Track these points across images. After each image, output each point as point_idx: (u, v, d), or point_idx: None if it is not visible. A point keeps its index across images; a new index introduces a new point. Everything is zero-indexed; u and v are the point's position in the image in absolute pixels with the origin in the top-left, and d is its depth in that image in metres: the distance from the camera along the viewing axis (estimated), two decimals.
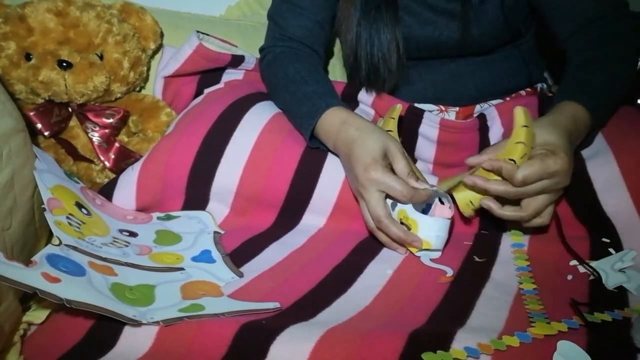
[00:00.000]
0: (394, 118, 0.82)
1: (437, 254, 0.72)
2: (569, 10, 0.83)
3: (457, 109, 0.94)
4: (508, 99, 0.94)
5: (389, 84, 0.90)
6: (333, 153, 0.80)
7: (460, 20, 0.84)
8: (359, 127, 0.75)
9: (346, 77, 1.04)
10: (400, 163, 0.72)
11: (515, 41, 0.88)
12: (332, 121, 0.78)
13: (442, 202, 0.73)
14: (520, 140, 0.68)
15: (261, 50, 0.95)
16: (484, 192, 0.70)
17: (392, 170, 0.71)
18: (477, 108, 0.94)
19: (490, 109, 0.92)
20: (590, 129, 0.75)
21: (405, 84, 0.93)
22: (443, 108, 0.93)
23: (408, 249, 0.73)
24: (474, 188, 0.70)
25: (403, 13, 0.87)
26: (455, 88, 0.92)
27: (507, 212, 0.69)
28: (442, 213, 0.72)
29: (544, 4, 0.85)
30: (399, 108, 0.83)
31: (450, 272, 0.69)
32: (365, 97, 0.95)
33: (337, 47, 1.10)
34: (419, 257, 0.72)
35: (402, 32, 0.86)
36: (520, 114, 0.69)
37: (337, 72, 1.11)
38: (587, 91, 0.76)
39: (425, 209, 0.74)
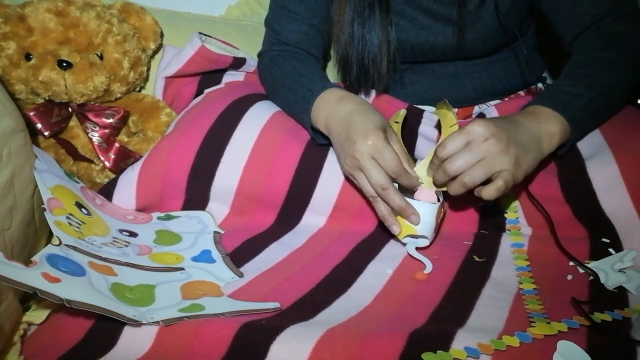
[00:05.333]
0: (397, 122, 0.82)
1: (424, 242, 0.72)
2: (568, 14, 0.83)
3: (455, 110, 0.94)
4: (507, 99, 0.94)
5: (379, 86, 0.90)
6: (323, 137, 0.79)
7: (455, 26, 0.84)
8: (360, 102, 0.76)
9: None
10: (396, 144, 0.72)
11: (512, 44, 0.88)
12: (329, 99, 0.78)
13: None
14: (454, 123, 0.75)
15: (259, 55, 0.96)
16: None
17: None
18: (476, 109, 0.94)
19: (489, 109, 0.92)
20: (573, 126, 0.73)
21: (403, 86, 0.93)
22: None
23: (397, 236, 0.73)
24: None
25: (398, 17, 0.87)
26: (453, 90, 0.92)
27: (454, 185, 0.68)
28: (427, 197, 0.72)
29: (546, 9, 0.86)
30: (403, 113, 0.83)
31: (429, 269, 0.68)
32: (364, 98, 0.95)
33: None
34: (405, 244, 0.72)
35: (397, 37, 0.86)
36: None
37: (337, 74, 1.10)
38: (548, 94, 0.76)
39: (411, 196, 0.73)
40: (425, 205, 0.71)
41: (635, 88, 0.80)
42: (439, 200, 0.73)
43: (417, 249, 0.72)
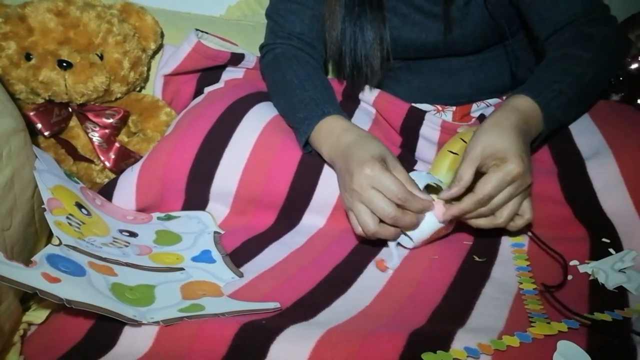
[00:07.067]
0: (465, 141, 0.74)
1: (408, 243, 0.72)
2: (544, 14, 0.83)
3: (453, 108, 0.94)
4: (505, 97, 0.94)
5: (372, 82, 0.90)
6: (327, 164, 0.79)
7: (443, 22, 0.85)
8: (360, 134, 0.75)
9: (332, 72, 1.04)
10: (400, 172, 0.70)
11: (504, 41, 0.88)
12: (331, 128, 0.77)
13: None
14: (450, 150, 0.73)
15: (261, 48, 0.95)
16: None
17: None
18: (474, 107, 0.94)
19: (489, 110, 0.92)
20: (547, 122, 0.74)
21: (399, 83, 0.93)
22: (440, 108, 0.93)
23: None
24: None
25: (391, 14, 0.87)
26: (449, 87, 0.92)
27: (482, 222, 0.69)
28: (436, 213, 0.70)
29: (523, 8, 0.86)
30: (464, 139, 0.77)
31: (393, 264, 0.69)
32: (366, 97, 0.95)
33: None
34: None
35: (390, 34, 0.86)
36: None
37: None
38: (536, 86, 0.75)
39: None
40: (431, 218, 0.70)
41: (607, 86, 0.82)
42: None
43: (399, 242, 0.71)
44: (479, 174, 0.68)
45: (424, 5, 0.86)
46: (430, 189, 0.72)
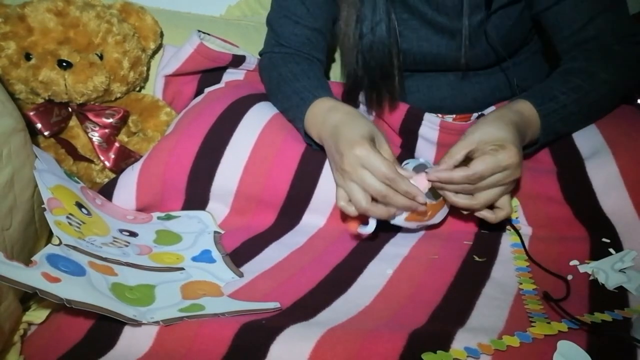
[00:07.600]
0: None
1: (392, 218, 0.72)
2: (574, 40, 0.82)
3: (453, 115, 0.93)
4: (507, 102, 0.94)
5: (392, 94, 0.89)
6: (319, 146, 0.79)
7: (456, 40, 0.84)
8: (348, 112, 0.75)
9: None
10: (386, 151, 0.72)
11: (513, 57, 0.88)
12: (320, 109, 0.77)
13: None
14: None
15: (260, 54, 0.96)
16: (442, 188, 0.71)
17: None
18: (474, 115, 0.94)
19: (489, 109, 0.92)
20: (544, 131, 0.75)
21: (402, 93, 0.93)
22: (440, 116, 0.93)
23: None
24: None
25: (402, 27, 0.86)
26: (453, 100, 0.92)
27: (460, 200, 0.70)
28: (419, 182, 0.70)
29: (549, 29, 0.85)
30: None
31: (369, 228, 0.69)
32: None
33: (339, 52, 1.08)
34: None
35: (403, 46, 0.86)
36: None
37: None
38: (541, 94, 0.76)
39: None
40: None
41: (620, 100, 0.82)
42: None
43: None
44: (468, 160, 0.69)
45: (436, 21, 0.85)
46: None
